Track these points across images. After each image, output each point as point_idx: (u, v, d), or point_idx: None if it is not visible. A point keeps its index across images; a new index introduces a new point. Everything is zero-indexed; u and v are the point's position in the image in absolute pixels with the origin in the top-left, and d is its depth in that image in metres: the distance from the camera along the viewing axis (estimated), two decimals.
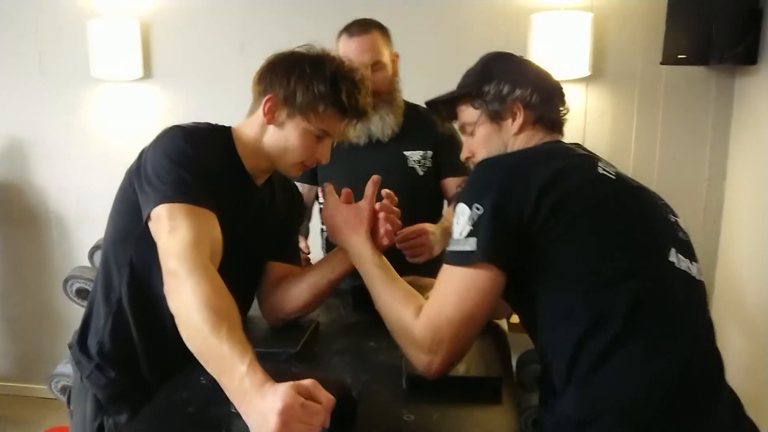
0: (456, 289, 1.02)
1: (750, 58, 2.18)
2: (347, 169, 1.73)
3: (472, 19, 2.53)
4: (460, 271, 1.02)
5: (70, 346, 1.37)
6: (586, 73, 2.39)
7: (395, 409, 1.08)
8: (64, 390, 2.54)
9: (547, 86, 1.22)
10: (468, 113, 1.24)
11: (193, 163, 1.14)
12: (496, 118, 1.20)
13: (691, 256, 1.07)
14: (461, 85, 1.27)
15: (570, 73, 2.40)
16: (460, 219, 1.03)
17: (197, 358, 0.96)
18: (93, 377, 1.30)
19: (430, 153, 1.84)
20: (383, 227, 1.28)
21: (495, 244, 0.99)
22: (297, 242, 1.50)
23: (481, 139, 1.22)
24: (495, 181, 1.02)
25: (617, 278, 0.98)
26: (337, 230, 1.30)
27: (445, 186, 1.89)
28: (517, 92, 1.18)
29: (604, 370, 0.94)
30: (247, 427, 0.93)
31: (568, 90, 1.27)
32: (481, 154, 1.22)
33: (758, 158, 2.29)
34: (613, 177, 1.08)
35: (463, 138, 1.28)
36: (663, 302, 0.98)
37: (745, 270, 2.32)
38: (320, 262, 1.39)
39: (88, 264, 2.72)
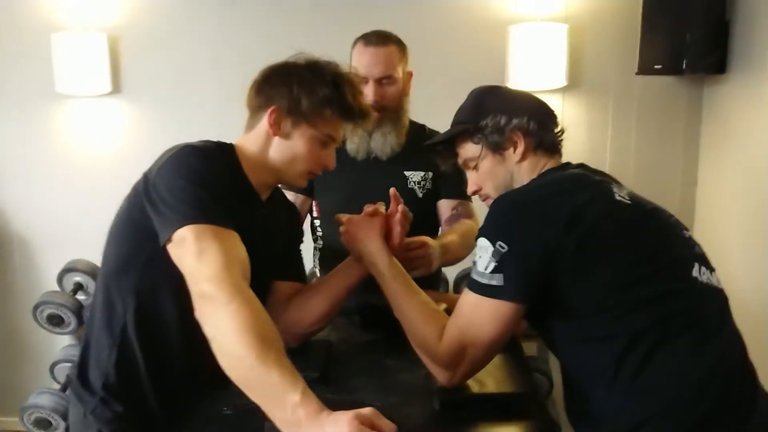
0: (480, 317, 1.07)
1: (719, 68, 2.28)
2: (344, 183, 1.71)
3: (451, 30, 2.54)
4: (485, 301, 1.06)
5: (69, 382, 1.30)
6: (563, 83, 2.45)
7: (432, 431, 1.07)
8: (39, 423, 2.41)
9: (540, 111, 1.25)
10: (468, 149, 1.26)
11: (208, 182, 1.10)
12: (498, 149, 1.22)
13: (709, 267, 1.11)
14: (456, 123, 1.29)
15: (547, 84, 2.45)
16: (484, 254, 1.06)
17: (239, 386, 0.93)
18: (98, 412, 1.22)
19: (430, 174, 1.79)
20: (396, 228, 1.31)
21: (521, 282, 1.04)
22: (301, 260, 1.47)
23: (486, 172, 1.25)
24: (517, 219, 1.07)
25: (648, 302, 1.01)
26: (353, 238, 1.31)
27: (440, 207, 1.85)
28: (515, 121, 1.21)
29: (647, 375, 0.98)
30: None
31: (545, 100, 1.30)
32: (488, 187, 1.26)
33: (727, 164, 2.38)
34: (629, 202, 1.11)
35: (468, 173, 1.30)
36: (695, 315, 1.03)
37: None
38: (335, 271, 1.38)
39: (57, 288, 2.60)
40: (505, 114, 1.21)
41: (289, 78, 1.21)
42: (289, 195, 1.62)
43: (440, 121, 1.74)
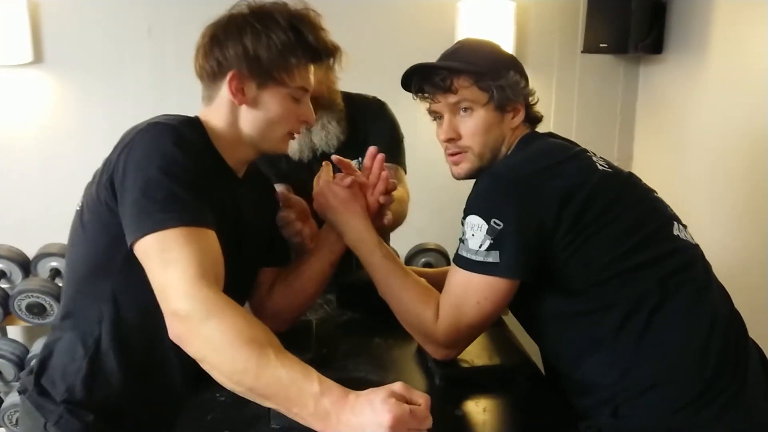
0: (475, 295, 1.06)
1: (656, 48, 2.39)
2: (300, 192, 1.42)
3: (400, 6, 2.52)
4: (479, 278, 1.05)
5: (23, 390, 1.12)
6: None
7: (440, 407, 1.06)
8: None
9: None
10: (472, 92, 1.15)
11: (185, 171, 0.96)
12: (502, 108, 1.16)
13: (682, 224, 1.16)
14: (469, 62, 1.16)
15: None
16: (477, 232, 1.04)
17: (251, 398, 0.86)
18: (63, 423, 1.06)
19: (358, 161, 1.57)
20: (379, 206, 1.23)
21: (519, 259, 1.03)
22: (282, 238, 1.34)
23: (480, 126, 1.16)
24: (511, 196, 1.05)
25: (644, 268, 1.05)
26: (332, 210, 1.22)
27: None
28: (526, 90, 1.18)
29: (649, 340, 1.02)
30: None
31: None
32: (475, 140, 1.17)
33: (661, 140, 2.52)
34: (610, 171, 1.13)
35: (446, 118, 1.18)
36: (687, 272, 1.08)
37: None
38: (316, 249, 1.27)
39: None
40: (523, 78, 1.17)
41: (239, 33, 1.04)
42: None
43: (387, 98, 1.70)
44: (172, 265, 0.89)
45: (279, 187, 1.42)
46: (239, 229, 1.15)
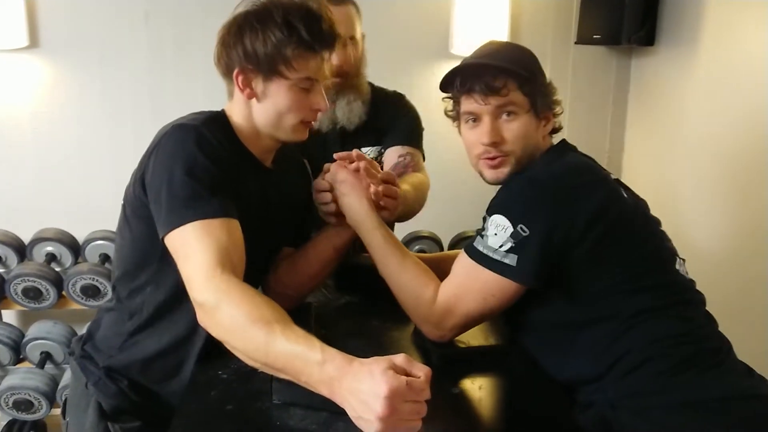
0: (481, 289, 1.10)
1: (649, 40, 2.42)
2: (313, 160, 1.50)
3: None
4: (490, 275, 1.08)
5: (71, 353, 1.29)
6: None
7: (438, 385, 1.09)
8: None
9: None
10: (517, 96, 1.14)
11: (206, 170, 1.05)
12: (538, 114, 1.17)
13: (682, 258, 1.20)
14: (516, 65, 1.14)
15: None
16: (500, 232, 1.06)
17: (269, 372, 0.93)
18: (101, 384, 1.21)
19: (382, 150, 1.68)
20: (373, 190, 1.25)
21: (535, 269, 1.06)
22: (307, 222, 1.40)
23: (520, 131, 1.15)
24: (543, 207, 1.06)
25: (643, 291, 1.09)
26: (341, 192, 1.24)
27: (387, 154, 1.68)
28: (556, 99, 1.22)
29: (640, 330, 1.06)
30: (301, 416, 0.96)
31: None
32: (517, 145, 1.16)
33: (651, 132, 2.56)
34: (631, 201, 1.16)
35: (486, 121, 1.15)
36: (680, 295, 1.12)
37: None
38: (323, 230, 1.33)
39: None
40: (552, 87, 1.21)
41: (240, 33, 1.13)
42: None
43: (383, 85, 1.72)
44: (192, 257, 0.99)
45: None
46: (268, 215, 1.22)
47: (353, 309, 1.44)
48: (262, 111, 1.16)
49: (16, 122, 2.48)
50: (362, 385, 0.80)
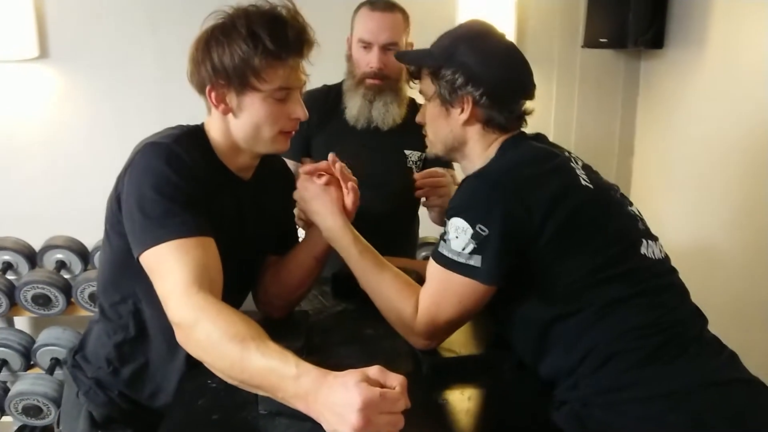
0: (455, 294, 1.10)
1: (657, 43, 2.39)
2: (344, 153, 1.48)
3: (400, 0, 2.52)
4: (460, 279, 1.08)
5: (64, 362, 1.31)
6: None
7: (425, 395, 1.08)
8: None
9: (506, 86, 1.19)
10: (426, 84, 1.22)
11: (177, 188, 1.04)
12: (446, 103, 1.19)
13: (652, 237, 1.17)
14: (428, 52, 1.21)
15: None
16: (461, 235, 1.06)
17: (247, 389, 0.92)
18: (91, 394, 1.22)
19: (424, 155, 1.74)
20: (349, 197, 1.22)
21: (500, 267, 1.06)
22: (296, 231, 1.41)
23: (431, 116, 1.23)
24: (498, 204, 1.05)
25: (613, 280, 1.07)
26: (308, 207, 1.24)
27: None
28: (469, 88, 1.15)
29: (610, 319, 1.06)
30: (285, 425, 0.95)
31: None
32: (429, 130, 1.25)
33: (662, 135, 2.52)
34: (591, 187, 1.14)
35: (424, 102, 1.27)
36: (648, 283, 1.10)
37: None
38: (303, 241, 1.33)
39: None
40: (465, 75, 1.15)
41: (206, 49, 1.10)
42: (291, 165, 1.52)
43: None
44: (168, 277, 0.98)
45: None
46: (243, 230, 1.21)
47: (348, 317, 1.44)
48: (239, 125, 1.13)
49: (26, 131, 2.52)
50: (336, 398, 0.79)
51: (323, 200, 1.22)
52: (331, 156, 1.25)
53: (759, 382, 1.04)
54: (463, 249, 1.06)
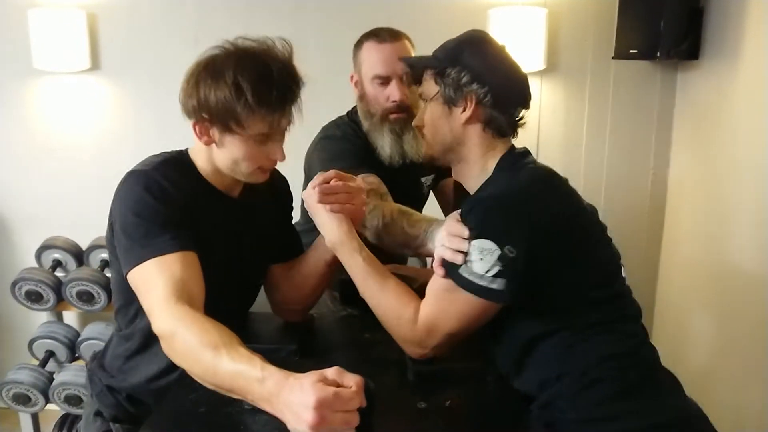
0: (463, 311, 1.10)
1: (692, 54, 2.33)
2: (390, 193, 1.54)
3: (430, 14, 2.56)
4: (475, 299, 1.08)
5: (88, 365, 1.42)
6: (541, 66, 2.48)
7: (407, 399, 1.12)
8: (17, 398, 2.43)
9: (508, 90, 1.21)
10: (428, 85, 1.24)
11: (156, 212, 1.12)
12: (449, 102, 1.20)
13: (622, 264, 1.20)
14: (432, 56, 1.25)
15: (525, 67, 2.45)
16: (486, 257, 1.05)
17: (223, 393, 0.97)
18: (102, 396, 1.34)
19: (432, 176, 1.78)
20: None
21: (522, 287, 1.06)
22: (293, 235, 1.46)
23: (431, 117, 1.24)
24: (525, 226, 1.06)
25: (602, 303, 1.11)
26: (314, 213, 1.26)
27: (446, 186, 1.83)
28: (474, 86, 1.17)
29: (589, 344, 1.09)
30: (265, 420, 0.98)
31: None
32: (428, 132, 1.25)
33: (698, 148, 2.45)
34: (588, 209, 1.18)
35: (421, 104, 1.28)
36: (626, 309, 1.15)
37: (687, 252, 2.48)
38: (312, 247, 1.38)
39: (35, 265, 2.60)
40: (470, 74, 1.17)
41: (195, 84, 1.16)
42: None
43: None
44: (150, 292, 1.07)
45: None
46: (235, 245, 1.28)
47: (350, 322, 1.48)
48: (221, 156, 1.20)
49: (79, 138, 2.70)
50: (293, 398, 0.83)
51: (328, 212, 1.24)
52: (332, 172, 1.27)
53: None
54: (487, 272, 1.05)
